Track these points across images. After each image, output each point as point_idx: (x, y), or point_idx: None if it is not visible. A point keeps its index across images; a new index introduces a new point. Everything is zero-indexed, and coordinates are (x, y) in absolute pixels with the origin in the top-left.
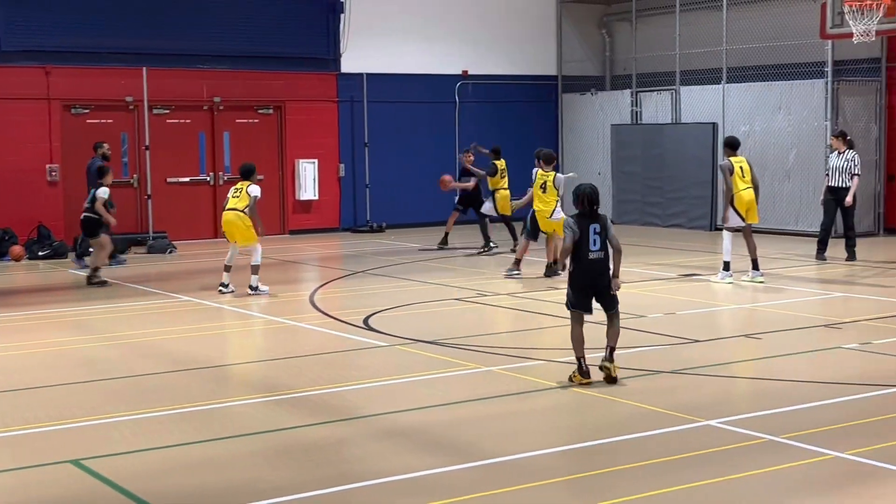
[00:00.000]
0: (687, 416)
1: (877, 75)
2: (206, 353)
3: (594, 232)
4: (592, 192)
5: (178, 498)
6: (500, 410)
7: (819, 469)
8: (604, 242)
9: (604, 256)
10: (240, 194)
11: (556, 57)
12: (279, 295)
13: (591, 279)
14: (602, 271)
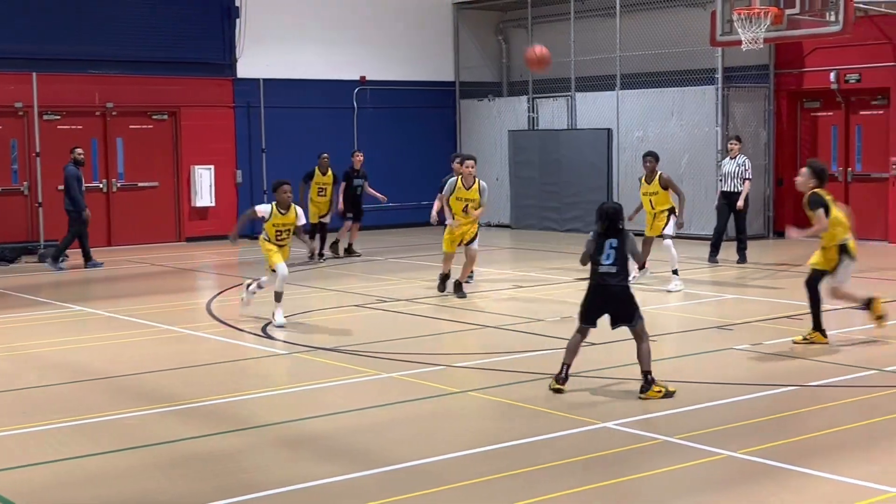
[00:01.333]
0: (584, 419)
1: (765, 81)
2: (99, 364)
3: (610, 246)
4: (612, 212)
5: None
6: (402, 416)
7: (712, 469)
8: (619, 258)
9: (617, 272)
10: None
11: (453, 63)
12: (174, 303)
13: (602, 293)
14: (615, 286)
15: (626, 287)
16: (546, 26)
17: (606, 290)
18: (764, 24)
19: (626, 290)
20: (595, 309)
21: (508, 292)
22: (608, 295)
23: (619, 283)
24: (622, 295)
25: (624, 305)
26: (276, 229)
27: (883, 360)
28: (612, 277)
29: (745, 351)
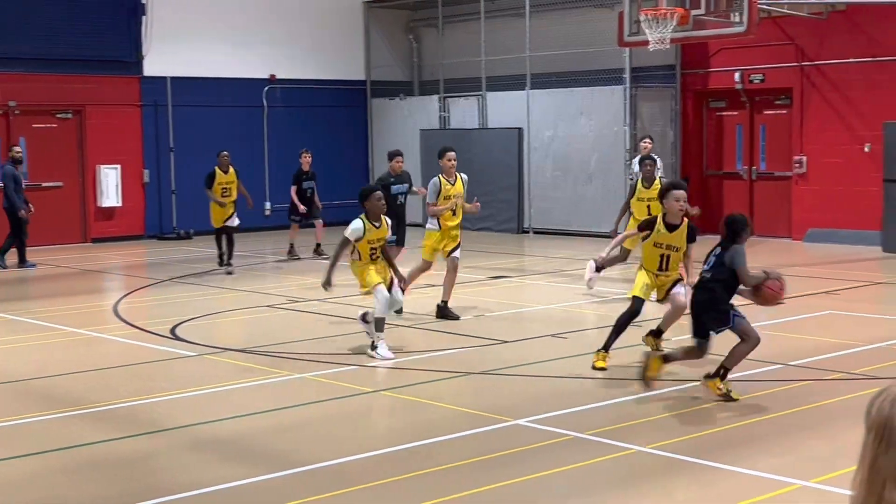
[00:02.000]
0: (496, 416)
1: (672, 81)
2: (4, 368)
3: (714, 254)
4: (733, 222)
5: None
6: (314, 417)
7: (622, 463)
8: (717, 265)
9: (710, 278)
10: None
11: (364, 62)
12: (81, 305)
13: (694, 298)
14: (703, 293)
15: (711, 291)
16: (456, 25)
17: (698, 290)
18: (670, 25)
19: (711, 294)
20: (693, 315)
21: (423, 291)
22: (697, 292)
23: (707, 286)
24: (707, 294)
25: (704, 302)
26: (371, 246)
27: (788, 355)
28: (702, 283)
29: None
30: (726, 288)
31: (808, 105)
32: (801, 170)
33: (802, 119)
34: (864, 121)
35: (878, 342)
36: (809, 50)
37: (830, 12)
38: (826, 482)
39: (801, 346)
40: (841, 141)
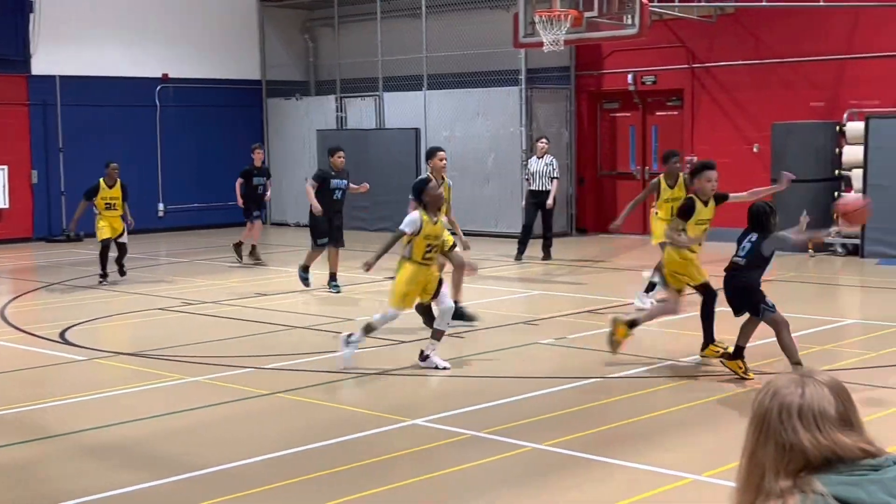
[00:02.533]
0: (393, 417)
1: (566, 83)
2: None
3: (749, 240)
4: (757, 211)
5: None
6: (208, 420)
7: (519, 461)
8: (752, 252)
9: (744, 265)
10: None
11: (259, 61)
12: None
13: (726, 282)
14: (737, 278)
15: (745, 276)
16: (353, 25)
17: (729, 275)
18: (564, 27)
19: (744, 279)
20: (727, 296)
21: (318, 292)
22: (728, 278)
23: (741, 271)
24: (740, 280)
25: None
26: (427, 243)
27: (679, 352)
28: (736, 268)
29: (550, 345)
30: (760, 274)
31: (698, 106)
32: None
33: (693, 120)
34: (752, 122)
35: (765, 339)
36: (699, 52)
37: (719, 15)
38: (717, 475)
39: (691, 343)
40: (730, 141)
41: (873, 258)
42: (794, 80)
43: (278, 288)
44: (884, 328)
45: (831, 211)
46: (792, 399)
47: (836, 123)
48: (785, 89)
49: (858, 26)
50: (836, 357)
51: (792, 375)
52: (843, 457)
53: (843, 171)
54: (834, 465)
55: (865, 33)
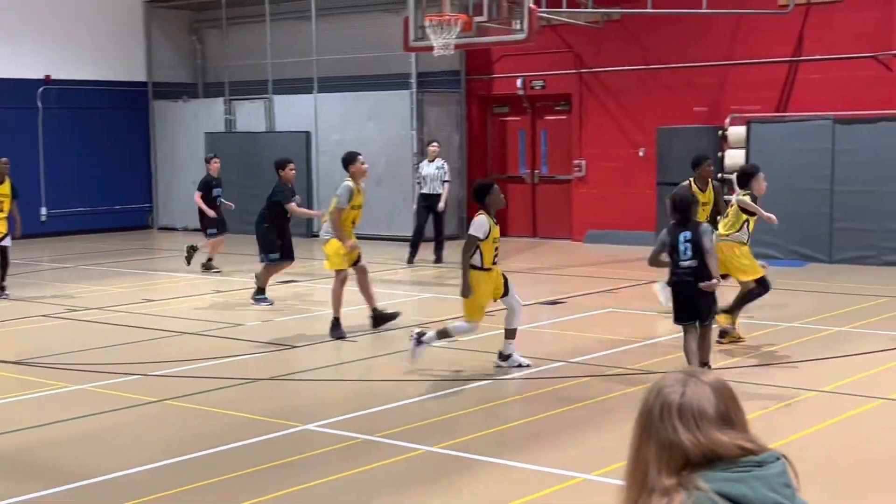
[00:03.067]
0: (285, 422)
1: (457, 87)
2: None
3: (685, 240)
4: (688, 200)
5: None
6: (95, 429)
7: (411, 465)
8: (697, 253)
9: (697, 266)
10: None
11: (145, 63)
12: None
13: (684, 289)
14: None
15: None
16: (241, 27)
17: (690, 287)
18: (454, 31)
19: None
20: (685, 306)
21: (208, 297)
22: (687, 283)
23: (697, 274)
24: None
25: (704, 300)
26: (495, 246)
27: (570, 352)
28: (691, 271)
29: (442, 348)
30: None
31: (586, 111)
32: (580, 173)
33: (581, 124)
34: (638, 126)
35: (655, 338)
36: (587, 57)
37: (606, 21)
38: (607, 474)
39: (582, 344)
40: (617, 145)
41: (756, 260)
42: (679, 86)
43: (165, 294)
44: (766, 327)
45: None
46: (673, 398)
47: (718, 128)
48: (670, 94)
49: (740, 33)
50: (716, 356)
51: (678, 374)
52: (723, 455)
53: (726, 175)
54: (715, 462)
55: (746, 40)
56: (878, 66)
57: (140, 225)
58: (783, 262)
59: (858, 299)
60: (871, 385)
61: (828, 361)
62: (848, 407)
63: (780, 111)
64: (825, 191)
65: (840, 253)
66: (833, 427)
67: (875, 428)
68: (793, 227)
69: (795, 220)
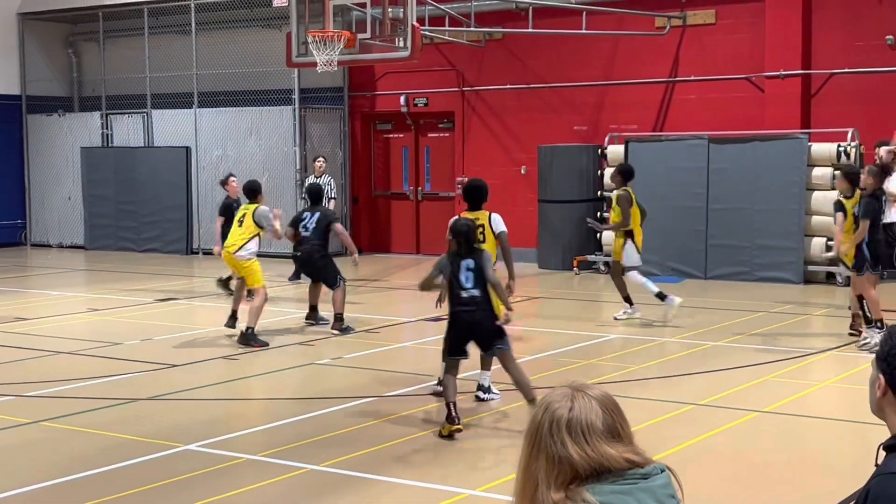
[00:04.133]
0: (165, 443)
1: (340, 104)
2: None
3: (467, 269)
4: (469, 229)
5: None
6: None
7: (295, 483)
8: (478, 279)
9: (480, 296)
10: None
11: (18, 75)
12: None
13: (467, 319)
14: (481, 311)
15: (486, 314)
16: (119, 41)
17: (473, 316)
18: (337, 48)
19: (487, 316)
20: (462, 340)
21: (83, 316)
22: (470, 314)
23: (480, 304)
24: (489, 322)
25: (487, 330)
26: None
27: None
28: (473, 301)
29: (327, 365)
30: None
31: (468, 128)
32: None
33: (464, 141)
34: (519, 144)
35: (537, 353)
36: (469, 76)
37: (488, 40)
38: (491, 489)
39: (468, 361)
40: (499, 163)
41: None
42: (559, 105)
43: (39, 312)
44: (643, 343)
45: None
46: (562, 413)
47: (597, 146)
48: (550, 113)
49: (618, 54)
50: (600, 370)
51: (565, 389)
52: (611, 468)
53: (605, 192)
54: (603, 475)
55: (625, 61)
56: (751, 87)
57: (12, 241)
58: (661, 278)
59: (732, 314)
60: (746, 398)
61: (704, 375)
62: (725, 419)
63: (658, 130)
64: (700, 208)
65: (714, 269)
66: (712, 439)
67: (750, 438)
68: (669, 243)
69: (672, 237)
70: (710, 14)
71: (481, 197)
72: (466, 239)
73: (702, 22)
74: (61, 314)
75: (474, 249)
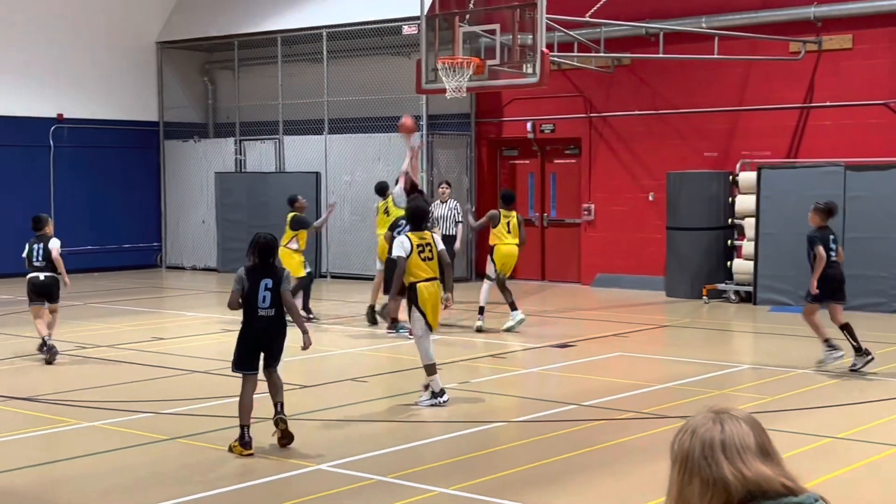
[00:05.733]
0: (298, 462)
1: (467, 130)
2: None
3: (265, 287)
4: (268, 243)
5: None
6: (107, 466)
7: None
8: (275, 298)
9: (275, 314)
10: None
11: (157, 103)
12: None
13: (263, 337)
14: (274, 330)
15: (280, 326)
16: (253, 69)
17: (265, 335)
18: (466, 74)
19: (281, 328)
20: (255, 354)
21: (216, 336)
22: (266, 332)
23: (274, 323)
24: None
25: (279, 346)
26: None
27: (581, 396)
28: (268, 320)
29: (455, 389)
30: None
31: (595, 155)
32: (589, 217)
33: (590, 168)
34: (647, 171)
35: (666, 382)
36: (597, 102)
37: (617, 66)
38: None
39: (593, 387)
40: (626, 189)
41: (765, 305)
42: (689, 131)
43: (175, 332)
44: (777, 373)
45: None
46: (713, 435)
47: (728, 173)
48: (680, 139)
49: (750, 79)
50: (732, 401)
51: (707, 413)
52: (766, 490)
53: (736, 220)
54: (756, 499)
55: (757, 86)
56: (888, 112)
57: (149, 264)
58: (794, 307)
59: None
60: (886, 432)
61: (841, 408)
62: (864, 454)
63: (791, 157)
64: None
65: (850, 299)
66: (851, 474)
67: (892, 474)
68: (803, 272)
69: (806, 267)
70: (847, 39)
71: (424, 220)
72: (264, 256)
73: (838, 47)
74: (196, 334)
75: (274, 267)
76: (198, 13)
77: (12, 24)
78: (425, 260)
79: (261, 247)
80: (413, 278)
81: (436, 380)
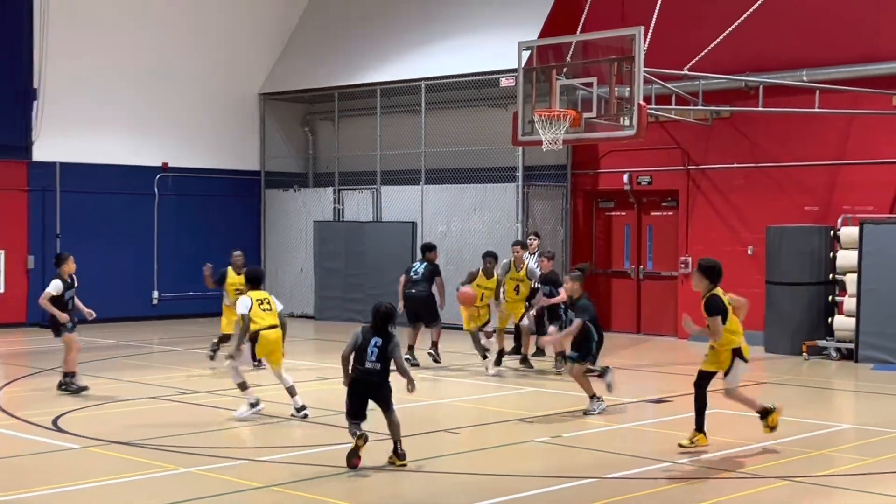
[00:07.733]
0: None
1: (563, 181)
2: None
3: (374, 345)
4: (390, 313)
5: None
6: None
7: None
8: (382, 355)
9: (381, 369)
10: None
11: (259, 152)
12: None
13: (366, 387)
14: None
15: (383, 378)
16: (352, 120)
17: (370, 387)
18: (563, 126)
19: (387, 382)
20: (360, 402)
21: (313, 384)
22: (369, 383)
23: (378, 375)
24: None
25: (385, 395)
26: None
27: (675, 453)
28: (373, 373)
29: (546, 443)
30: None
31: (693, 207)
32: (686, 270)
33: (688, 220)
34: (746, 224)
35: (765, 441)
36: (695, 154)
37: (715, 119)
38: None
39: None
40: (725, 242)
41: (868, 363)
42: (788, 184)
43: (272, 379)
44: (880, 434)
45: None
46: None
47: (829, 228)
48: (779, 192)
49: (852, 132)
50: (832, 462)
51: None
52: None
53: (837, 276)
54: None
55: (859, 139)
56: None
57: None
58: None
59: None
60: None
61: None
62: None
63: (894, 213)
64: None
65: None
66: None
67: None
68: None
69: None
70: None
71: (261, 280)
72: (384, 321)
73: None
74: (296, 381)
75: (387, 331)
76: (299, 65)
77: (122, 78)
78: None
79: (381, 315)
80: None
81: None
